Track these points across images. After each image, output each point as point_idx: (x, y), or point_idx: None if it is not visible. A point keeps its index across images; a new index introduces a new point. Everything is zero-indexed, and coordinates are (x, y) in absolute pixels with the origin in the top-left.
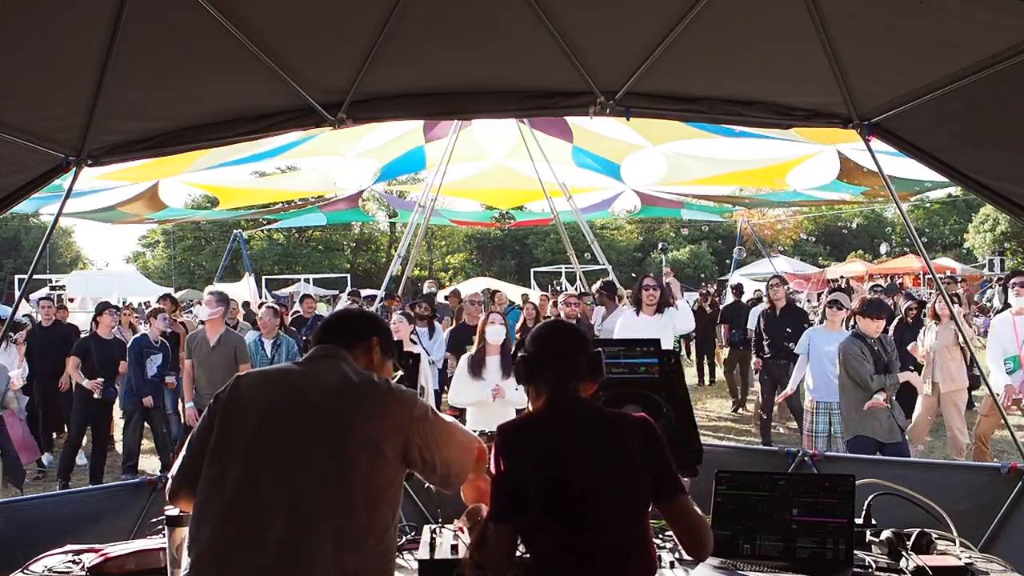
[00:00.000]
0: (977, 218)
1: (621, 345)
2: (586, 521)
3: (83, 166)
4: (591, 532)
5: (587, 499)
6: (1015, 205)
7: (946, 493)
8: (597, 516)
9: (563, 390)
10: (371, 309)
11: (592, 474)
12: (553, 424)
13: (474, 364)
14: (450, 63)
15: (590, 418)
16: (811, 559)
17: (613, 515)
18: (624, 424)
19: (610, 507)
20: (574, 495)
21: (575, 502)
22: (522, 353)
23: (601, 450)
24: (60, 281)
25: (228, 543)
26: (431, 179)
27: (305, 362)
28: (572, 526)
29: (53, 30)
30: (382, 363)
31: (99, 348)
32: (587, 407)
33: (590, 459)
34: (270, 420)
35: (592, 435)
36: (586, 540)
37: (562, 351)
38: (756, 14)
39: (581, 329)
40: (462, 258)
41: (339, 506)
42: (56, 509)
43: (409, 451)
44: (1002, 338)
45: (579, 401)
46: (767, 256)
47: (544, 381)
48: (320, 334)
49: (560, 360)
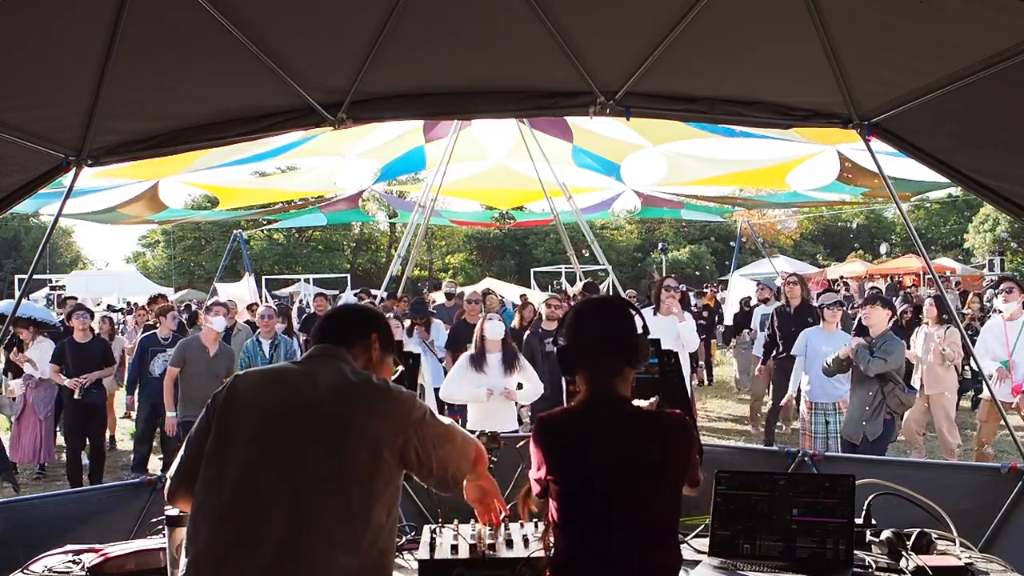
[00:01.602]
0: (977, 218)
1: None
2: (605, 519)
3: (83, 166)
4: (609, 530)
5: (608, 497)
6: (1015, 205)
7: (946, 493)
8: (616, 515)
9: (599, 384)
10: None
11: (613, 472)
12: (581, 421)
13: (475, 361)
14: (450, 63)
15: (619, 415)
16: (811, 559)
17: (632, 514)
18: (653, 421)
19: (629, 506)
20: (595, 493)
21: (596, 500)
22: (561, 342)
23: (623, 448)
24: (60, 281)
25: (226, 543)
26: (431, 179)
27: (303, 362)
28: (592, 524)
29: (53, 30)
30: (382, 360)
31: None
32: (619, 403)
33: (612, 457)
34: (268, 420)
35: (616, 433)
36: (604, 538)
37: (603, 338)
38: (756, 14)
39: (623, 307)
40: (462, 258)
41: (338, 506)
42: (56, 509)
43: (406, 452)
44: (990, 344)
45: (612, 397)
46: (767, 256)
47: (585, 372)
48: (319, 333)
49: (600, 350)
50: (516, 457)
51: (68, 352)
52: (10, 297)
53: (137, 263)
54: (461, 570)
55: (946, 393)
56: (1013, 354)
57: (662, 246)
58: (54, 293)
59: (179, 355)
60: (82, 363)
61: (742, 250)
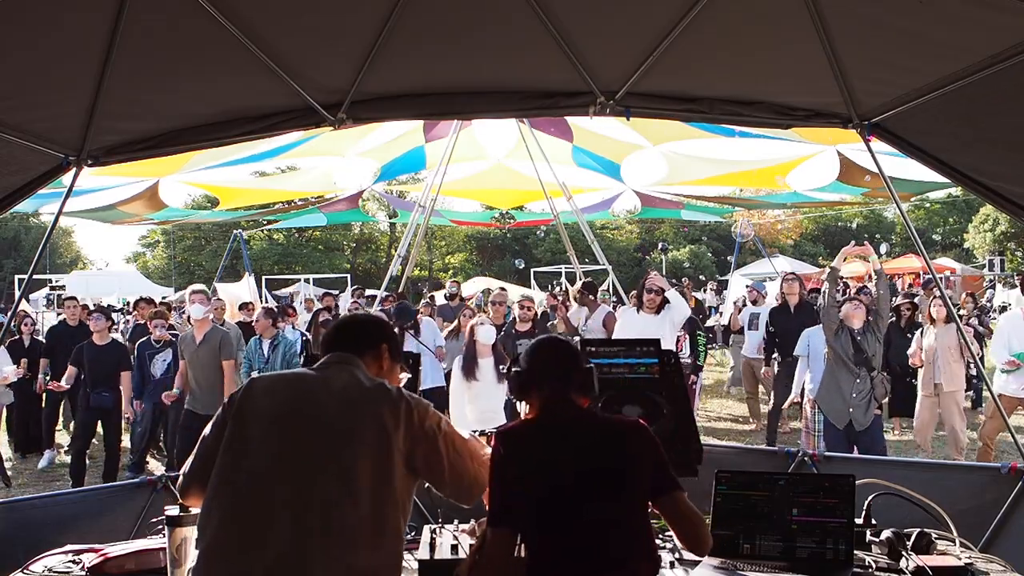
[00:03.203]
0: (977, 218)
1: (621, 345)
2: (577, 528)
3: (83, 166)
4: (583, 538)
5: (577, 506)
6: (1015, 205)
7: (946, 493)
8: (588, 523)
9: (556, 400)
10: (372, 310)
11: (582, 481)
12: (546, 431)
13: (466, 369)
14: (450, 63)
15: (582, 425)
16: (811, 559)
17: (605, 521)
18: (615, 429)
19: (601, 513)
20: (565, 502)
21: (566, 509)
22: (516, 368)
23: (591, 456)
24: (60, 281)
25: (233, 542)
26: (431, 179)
27: (319, 368)
28: (564, 533)
29: (53, 30)
30: (391, 369)
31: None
32: (579, 414)
33: (581, 466)
34: (280, 422)
35: (583, 442)
36: (578, 546)
37: (556, 367)
38: (756, 14)
39: (575, 346)
40: (462, 258)
41: (345, 509)
42: (56, 509)
43: (416, 458)
44: (1008, 334)
45: (572, 408)
46: (767, 256)
47: (537, 395)
48: (330, 342)
49: (554, 376)
50: None
51: (85, 354)
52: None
53: (137, 263)
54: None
55: (957, 391)
56: None
57: (662, 246)
58: (54, 293)
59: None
60: (98, 365)
61: (742, 250)
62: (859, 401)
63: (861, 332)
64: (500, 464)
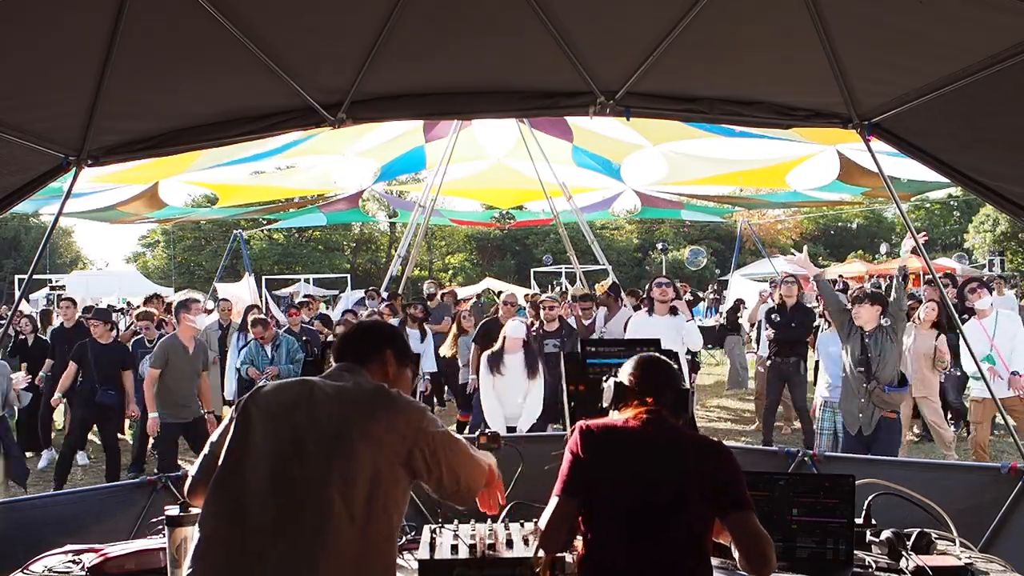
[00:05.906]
0: (977, 218)
1: (621, 345)
2: (665, 541)
3: (83, 166)
4: (645, 548)
5: (665, 520)
6: (1015, 205)
7: (946, 493)
8: (673, 539)
9: (654, 414)
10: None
11: (679, 498)
12: (645, 446)
13: (493, 361)
14: (450, 63)
15: (680, 445)
16: (811, 559)
17: (686, 538)
18: (708, 449)
19: (686, 529)
20: (657, 515)
21: (657, 522)
22: (617, 379)
23: (688, 476)
24: (60, 281)
25: (231, 543)
26: (431, 179)
27: (324, 376)
28: (632, 540)
29: (53, 30)
30: (398, 374)
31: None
32: (676, 433)
33: (680, 486)
34: (281, 426)
35: (681, 462)
36: (639, 555)
37: (657, 383)
38: (756, 14)
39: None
40: (462, 258)
41: (342, 511)
42: (56, 509)
43: (413, 461)
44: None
45: (668, 425)
46: (767, 256)
47: (635, 407)
48: (337, 354)
49: (654, 392)
50: (516, 457)
51: (89, 352)
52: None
53: (137, 263)
54: (461, 570)
55: (929, 396)
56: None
57: (662, 246)
58: (54, 293)
59: (162, 356)
60: (101, 364)
61: (742, 250)
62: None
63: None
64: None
